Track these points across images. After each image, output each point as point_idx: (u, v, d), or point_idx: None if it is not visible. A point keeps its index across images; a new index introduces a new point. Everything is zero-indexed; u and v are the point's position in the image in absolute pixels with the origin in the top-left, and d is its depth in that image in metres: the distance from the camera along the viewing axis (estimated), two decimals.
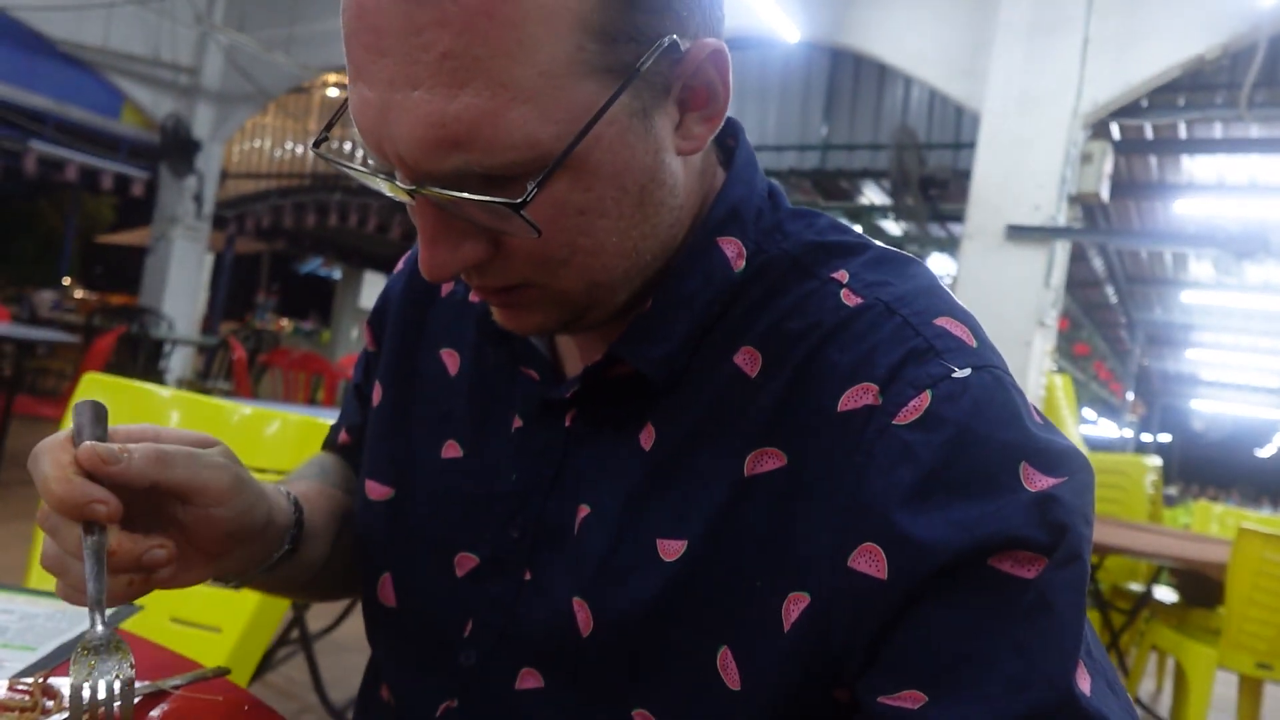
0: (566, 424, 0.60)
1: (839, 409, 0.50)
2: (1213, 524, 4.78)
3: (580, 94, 0.46)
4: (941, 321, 0.52)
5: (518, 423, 0.62)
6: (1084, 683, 0.45)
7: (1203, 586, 3.33)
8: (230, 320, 13.39)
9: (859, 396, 0.50)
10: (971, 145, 5.19)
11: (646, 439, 0.56)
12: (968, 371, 0.49)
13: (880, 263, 0.57)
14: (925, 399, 0.48)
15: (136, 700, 0.56)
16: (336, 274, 16.44)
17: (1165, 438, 21.64)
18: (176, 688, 0.59)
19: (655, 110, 0.50)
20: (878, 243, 0.59)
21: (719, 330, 0.56)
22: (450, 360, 0.69)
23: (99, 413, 0.52)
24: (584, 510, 0.57)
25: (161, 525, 0.53)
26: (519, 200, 0.46)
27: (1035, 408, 0.52)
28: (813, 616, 0.49)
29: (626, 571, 0.54)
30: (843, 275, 0.55)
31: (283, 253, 15.85)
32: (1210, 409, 19.05)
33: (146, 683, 0.58)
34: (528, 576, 0.59)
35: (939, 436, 0.47)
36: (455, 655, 0.61)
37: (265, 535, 0.59)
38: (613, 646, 0.54)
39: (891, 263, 0.57)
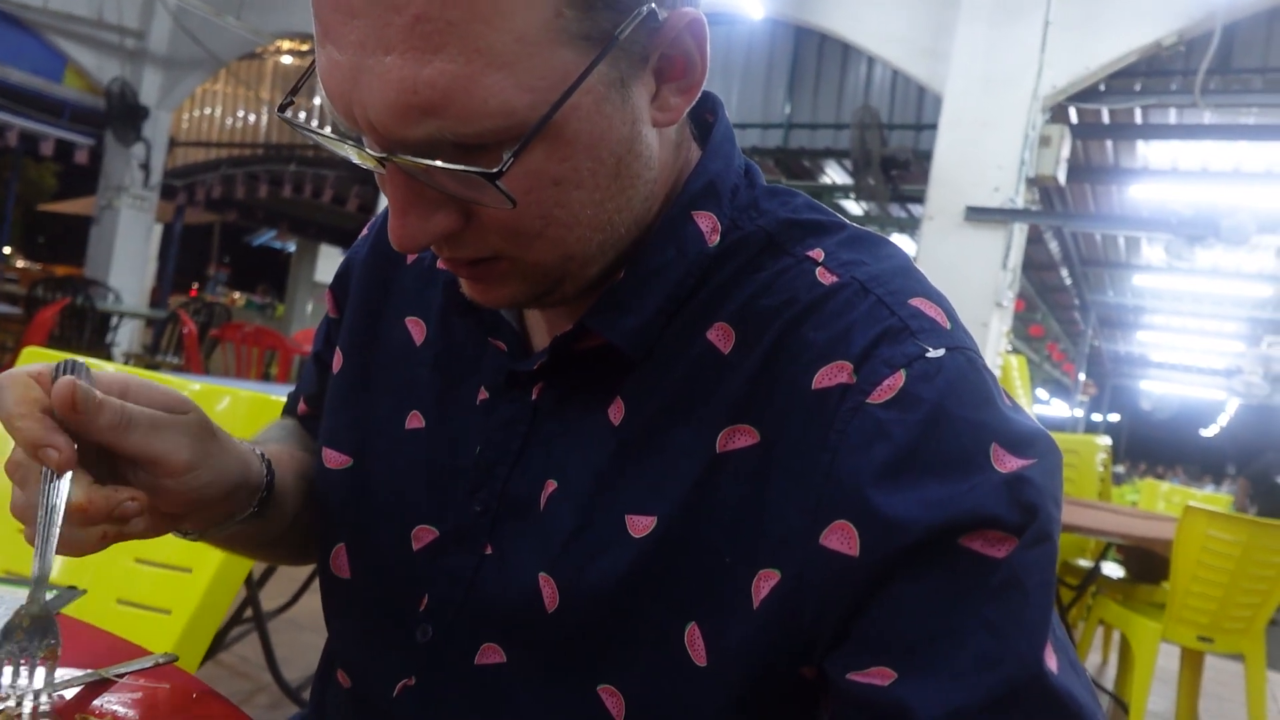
0: (533, 397, 0.59)
1: (813, 386, 0.50)
2: (1159, 501, 4.92)
3: (557, 61, 0.45)
4: (916, 302, 0.52)
5: (483, 395, 0.61)
6: (1052, 661, 0.46)
7: (1148, 563, 3.43)
8: (180, 293, 13.08)
9: (834, 374, 0.50)
10: (933, 126, 5.22)
11: (616, 414, 0.55)
12: (942, 352, 0.49)
13: (855, 242, 0.57)
14: (900, 378, 0.48)
15: (78, 689, 0.54)
16: (291, 247, 16.12)
17: (1114, 417, 22.21)
18: (121, 676, 0.56)
19: (632, 80, 0.49)
20: (852, 223, 0.59)
21: (692, 306, 0.55)
22: (415, 329, 0.67)
23: (81, 367, 0.51)
24: (551, 485, 0.56)
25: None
26: (495, 170, 0.45)
27: (1005, 391, 0.52)
28: (783, 594, 0.49)
29: (595, 548, 0.53)
30: (818, 253, 0.55)
31: (234, 225, 15.50)
32: (1158, 389, 19.58)
33: (90, 670, 0.56)
34: (489, 550, 0.58)
35: (913, 415, 0.47)
36: (411, 631, 0.60)
37: (232, 498, 0.57)
38: (579, 622, 0.53)
39: (866, 242, 0.57)
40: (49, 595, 0.73)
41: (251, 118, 10.53)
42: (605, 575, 0.53)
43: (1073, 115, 5.48)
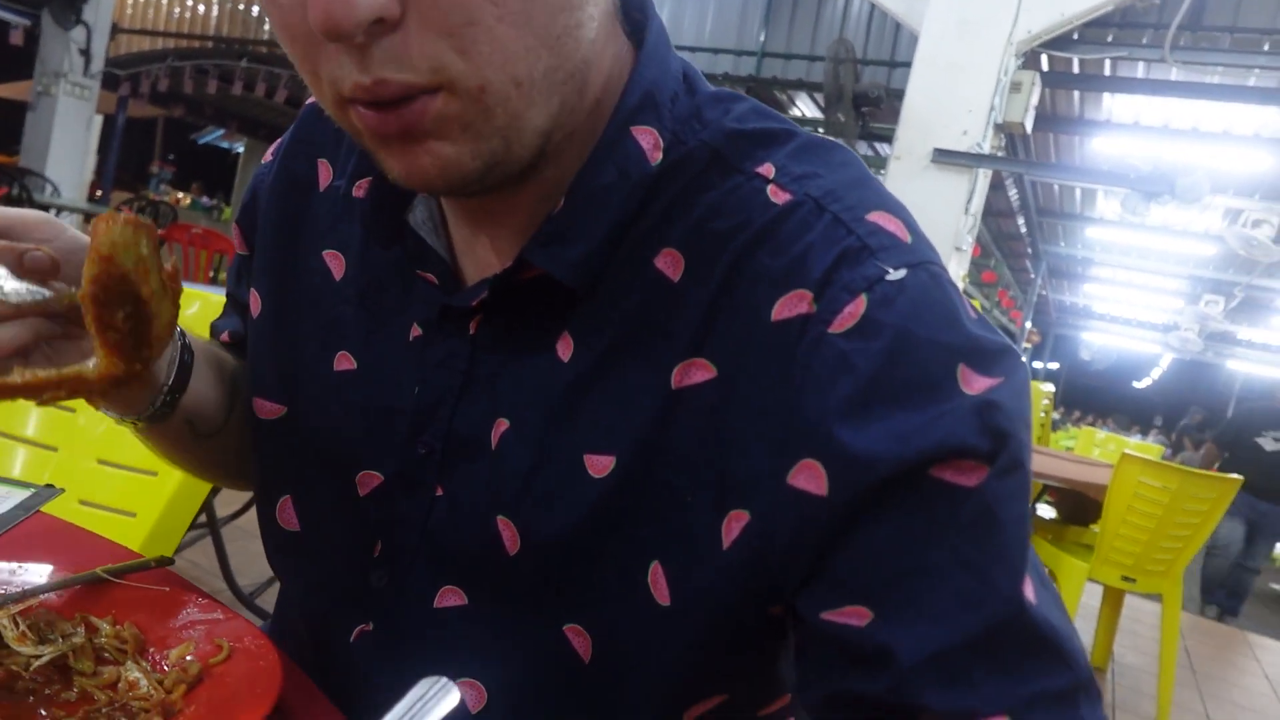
0: (471, 331, 0.56)
1: (773, 318, 0.48)
2: (1095, 449, 5.12)
3: None
4: (874, 217, 0.50)
5: (416, 331, 0.58)
6: (1030, 590, 0.45)
7: (1079, 506, 3.58)
8: (121, 190, 12.54)
9: (793, 305, 0.48)
10: (906, 65, 5.18)
11: (565, 349, 0.53)
12: (903, 272, 0.47)
13: (807, 151, 0.53)
14: (860, 304, 0.46)
15: (74, 589, 0.53)
16: (239, 147, 15.52)
17: (1054, 365, 22.85)
18: (117, 575, 0.55)
19: None
20: (803, 129, 0.55)
21: (636, 230, 0.52)
22: (334, 263, 0.62)
23: None
24: (502, 424, 0.54)
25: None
26: None
27: (969, 302, 0.50)
28: (753, 534, 0.48)
29: (553, 489, 0.52)
30: (768, 169, 0.52)
31: (180, 120, 14.85)
32: (1098, 340, 20.14)
33: (88, 572, 0.55)
34: (439, 492, 0.56)
35: (876, 344, 0.46)
36: (365, 577, 0.58)
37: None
38: (542, 564, 0.53)
39: (819, 150, 0.54)
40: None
41: (201, 7, 9.99)
42: (566, 517, 0.51)
43: (1044, 63, 5.47)
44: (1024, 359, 0.52)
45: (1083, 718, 0.44)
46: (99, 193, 10.82)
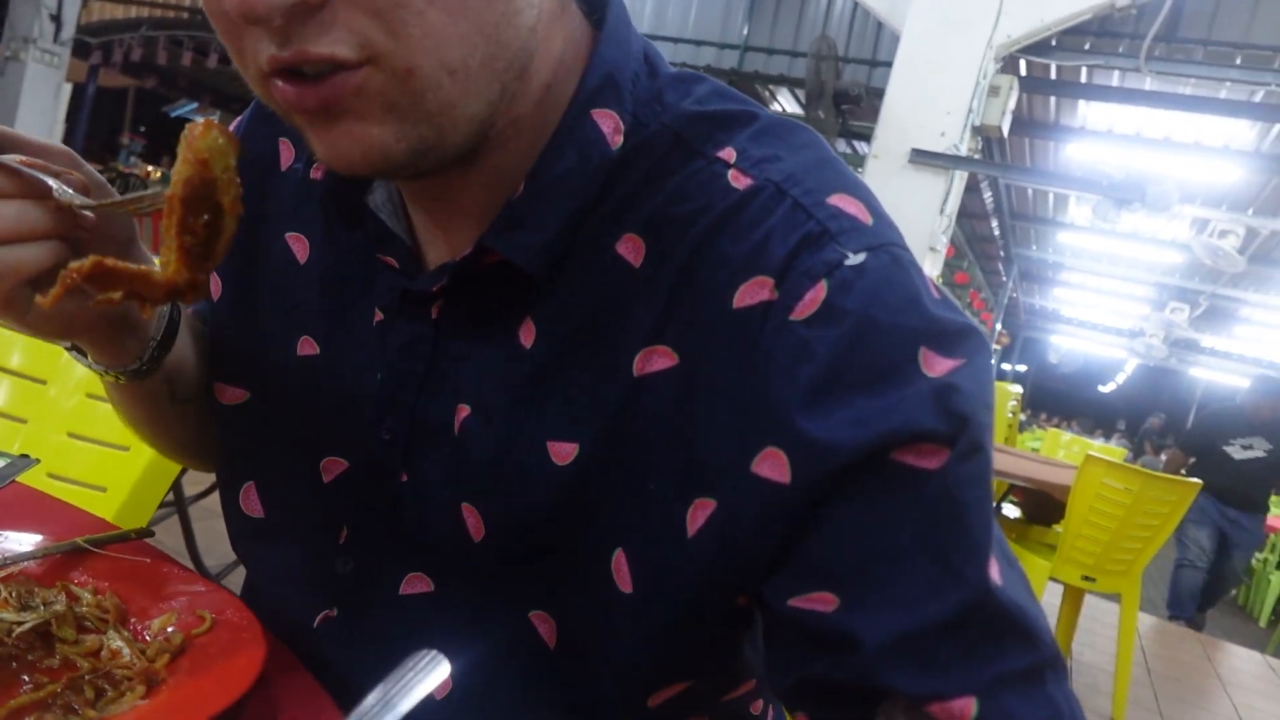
0: (434, 316, 0.55)
1: (735, 305, 0.48)
2: (1060, 450, 5.20)
3: None
4: (835, 200, 0.49)
5: (378, 316, 0.57)
6: (995, 572, 0.45)
7: (1043, 506, 3.64)
8: (90, 161, 12.28)
9: (755, 292, 0.48)
10: (887, 64, 5.21)
11: (527, 336, 0.52)
12: (863, 256, 0.47)
13: (767, 133, 0.53)
14: (821, 290, 0.46)
15: (54, 558, 0.53)
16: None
17: (1022, 367, 23.16)
18: (96, 545, 0.55)
19: None
20: (765, 110, 0.55)
21: (598, 215, 0.52)
22: (298, 245, 0.62)
23: None
24: (464, 411, 0.54)
25: None
26: None
27: (933, 281, 0.50)
28: (718, 523, 0.48)
29: (518, 477, 0.52)
30: (729, 154, 0.51)
31: (153, 92, 14.56)
32: (1066, 344, 20.43)
33: (67, 541, 0.55)
34: (404, 479, 0.56)
35: (837, 330, 0.46)
36: (331, 564, 0.58)
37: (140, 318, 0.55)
38: (507, 551, 0.53)
39: (779, 132, 0.53)
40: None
41: None
42: (531, 505, 0.51)
43: (1022, 68, 5.53)
44: (990, 343, 0.52)
45: (1050, 694, 0.45)
46: None
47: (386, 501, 0.56)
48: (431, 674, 0.43)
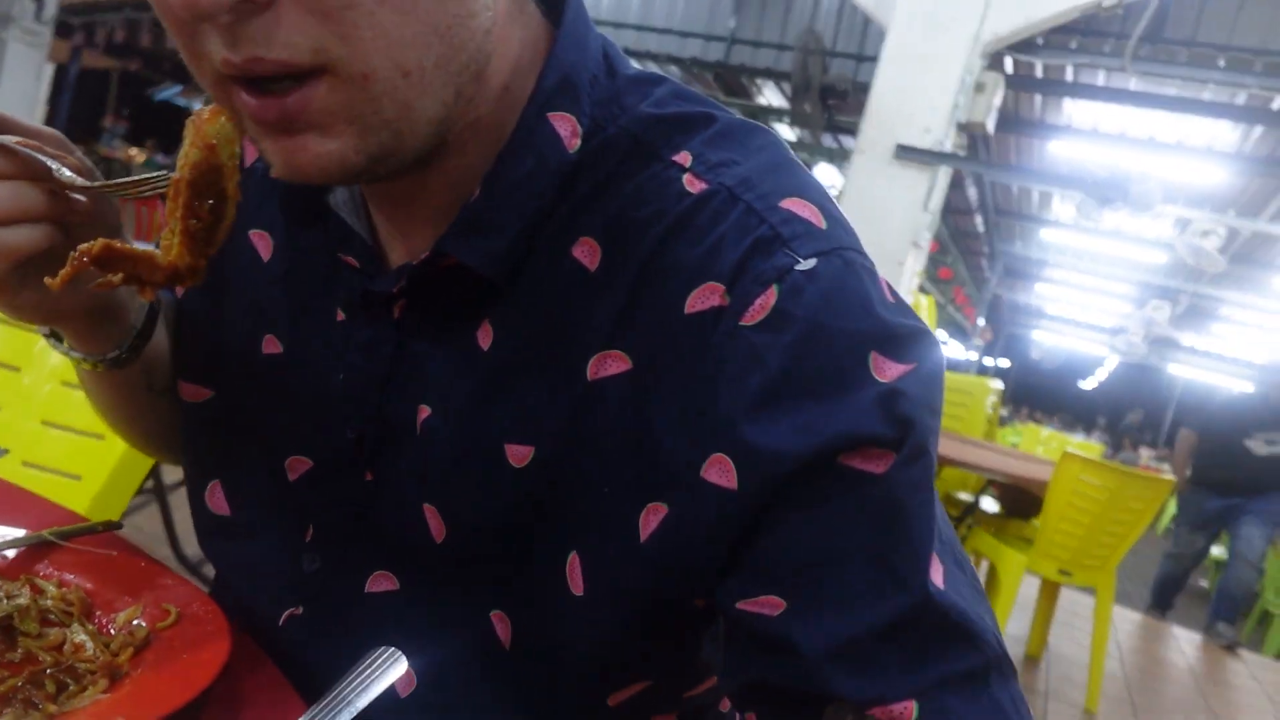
0: (395, 316, 0.55)
1: (686, 310, 0.48)
2: (1039, 446, 5.24)
3: None
4: (788, 204, 0.49)
5: (340, 315, 0.57)
6: (937, 575, 0.45)
7: (1021, 500, 3.67)
8: (73, 143, 12.13)
9: (706, 297, 0.48)
10: (874, 59, 5.21)
11: (484, 338, 0.52)
12: (813, 262, 0.47)
13: (724, 137, 0.53)
14: (771, 295, 0.46)
15: (18, 551, 0.53)
16: (197, 106, 15.04)
17: (1004, 363, 23.32)
18: (64, 538, 0.55)
19: None
20: (724, 111, 0.55)
21: (555, 219, 0.52)
22: (261, 243, 0.62)
23: None
24: (425, 411, 0.54)
25: None
26: None
27: (887, 284, 0.50)
28: (670, 527, 0.49)
29: (477, 478, 0.52)
30: (685, 158, 0.51)
31: (136, 74, 14.38)
32: (1048, 340, 20.59)
33: (31, 533, 0.55)
34: (369, 477, 0.56)
35: (786, 336, 0.46)
36: (297, 562, 0.58)
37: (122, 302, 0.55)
38: (468, 551, 0.53)
39: (736, 135, 0.53)
40: None
41: None
42: (489, 506, 0.52)
43: (1008, 65, 5.55)
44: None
45: (994, 695, 0.45)
46: None
47: (352, 500, 0.56)
48: (389, 671, 0.43)
